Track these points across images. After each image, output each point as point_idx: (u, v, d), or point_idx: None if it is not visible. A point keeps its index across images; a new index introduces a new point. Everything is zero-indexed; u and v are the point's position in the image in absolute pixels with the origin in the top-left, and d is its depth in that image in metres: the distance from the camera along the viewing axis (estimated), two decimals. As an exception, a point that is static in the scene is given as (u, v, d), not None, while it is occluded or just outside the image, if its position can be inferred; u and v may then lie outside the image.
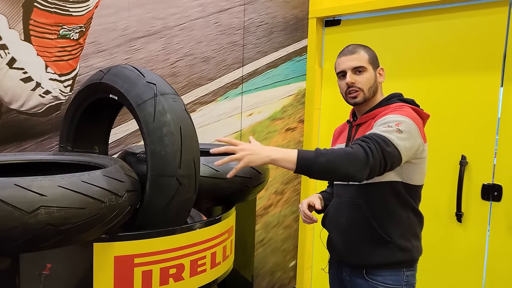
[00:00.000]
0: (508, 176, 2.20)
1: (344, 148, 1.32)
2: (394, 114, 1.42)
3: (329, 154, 1.28)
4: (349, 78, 1.54)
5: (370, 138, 1.32)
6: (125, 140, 1.98)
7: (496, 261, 2.25)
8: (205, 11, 2.28)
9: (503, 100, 2.22)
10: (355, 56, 1.55)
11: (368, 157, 1.27)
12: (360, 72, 1.54)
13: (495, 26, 2.22)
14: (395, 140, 1.33)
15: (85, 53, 1.81)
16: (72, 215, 1.00)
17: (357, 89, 1.54)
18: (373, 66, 1.55)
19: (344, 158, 1.28)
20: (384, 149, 1.30)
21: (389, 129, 1.35)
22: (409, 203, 1.49)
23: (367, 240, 1.50)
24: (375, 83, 1.55)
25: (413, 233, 1.52)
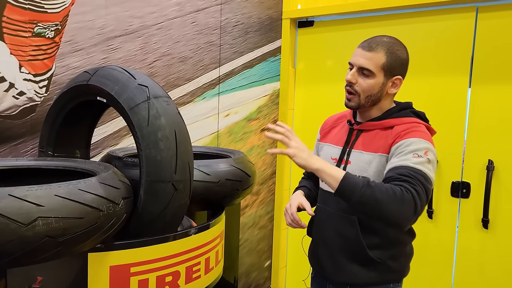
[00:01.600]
0: (476, 174, 2.31)
1: (392, 187, 1.19)
2: (418, 138, 1.30)
3: (377, 189, 1.18)
4: (349, 76, 1.38)
5: (413, 178, 1.20)
6: (102, 142, 1.91)
7: (465, 255, 2.37)
8: (183, 10, 2.23)
9: (470, 101, 2.32)
10: (370, 54, 1.35)
11: (417, 206, 1.18)
12: (364, 75, 1.36)
13: (463, 30, 2.32)
14: (429, 174, 1.24)
15: (61, 52, 1.72)
16: (70, 225, 0.95)
17: (354, 91, 1.38)
18: (386, 73, 1.36)
19: (392, 200, 1.17)
20: (427, 188, 1.22)
21: (420, 159, 1.24)
22: None
23: (356, 260, 1.41)
24: (378, 93, 1.37)
25: (405, 253, 1.46)
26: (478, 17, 2.28)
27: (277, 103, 2.96)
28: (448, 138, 2.37)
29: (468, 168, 2.34)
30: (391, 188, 1.19)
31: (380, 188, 1.19)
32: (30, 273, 1.03)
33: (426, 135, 1.33)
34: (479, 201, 2.29)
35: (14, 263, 0.93)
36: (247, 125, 2.73)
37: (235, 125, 2.64)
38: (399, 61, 1.37)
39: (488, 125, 2.26)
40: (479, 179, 2.29)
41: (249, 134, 2.75)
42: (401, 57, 1.38)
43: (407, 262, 1.48)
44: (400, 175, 1.22)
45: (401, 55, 1.38)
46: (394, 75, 1.38)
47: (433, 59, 2.43)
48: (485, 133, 2.27)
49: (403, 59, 1.39)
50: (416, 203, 1.18)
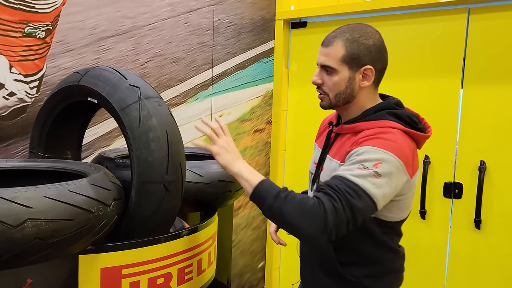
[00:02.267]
0: (468, 174, 2.32)
1: (305, 199, 1.06)
2: (374, 146, 1.10)
3: (287, 202, 1.06)
4: (314, 77, 1.26)
5: (337, 191, 1.05)
6: (94, 143, 1.90)
7: (457, 255, 2.38)
8: (175, 10, 2.23)
9: (463, 102, 2.34)
10: (327, 50, 1.22)
11: (327, 223, 1.02)
12: (327, 73, 1.23)
13: (455, 31, 2.34)
14: (370, 189, 1.06)
15: (52, 53, 1.71)
16: (60, 227, 0.94)
17: (322, 92, 1.26)
18: (350, 66, 1.19)
19: (298, 213, 1.04)
20: (353, 206, 1.04)
21: (364, 172, 1.07)
22: (384, 242, 1.24)
23: (328, 277, 1.28)
24: (348, 89, 1.22)
25: (390, 271, 1.30)
26: (470, 18, 2.30)
27: (270, 104, 2.96)
28: (441, 139, 2.38)
29: (460, 169, 2.35)
30: (302, 201, 1.05)
31: (290, 201, 1.06)
32: (19, 275, 1.02)
33: (390, 144, 1.12)
34: (471, 201, 2.30)
35: (3, 265, 0.92)
36: (240, 126, 2.73)
37: (228, 126, 2.63)
38: (364, 48, 1.18)
39: (480, 126, 2.27)
40: (471, 179, 2.31)
41: (242, 135, 2.75)
42: (365, 44, 1.19)
43: (396, 278, 1.32)
44: (326, 185, 1.08)
45: (365, 42, 1.19)
46: (361, 65, 1.19)
47: (425, 60, 2.44)
48: (477, 134, 2.29)
49: (369, 45, 1.19)
50: (326, 219, 1.02)
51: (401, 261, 1.34)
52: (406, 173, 1.13)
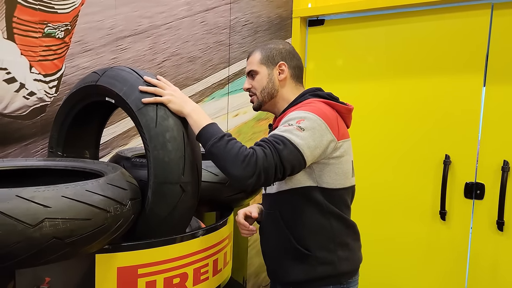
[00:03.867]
0: (490, 175, 2.26)
1: (242, 147, 1.19)
2: (297, 110, 1.30)
3: (228, 145, 1.19)
4: (244, 84, 1.49)
5: (266, 141, 1.21)
6: (112, 142, 1.91)
7: (479, 258, 2.32)
8: (192, 9, 2.22)
9: (485, 100, 2.28)
10: (249, 59, 1.49)
11: (257, 166, 1.15)
12: (253, 76, 1.47)
13: (477, 27, 2.28)
14: (295, 139, 1.21)
15: (71, 53, 1.73)
16: (77, 226, 0.94)
17: (252, 94, 1.47)
18: (267, 65, 1.44)
19: (233, 156, 1.17)
20: (280, 152, 1.18)
21: (289, 127, 1.23)
22: (329, 210, 1.33)
23: (286, 254, 1.36)
24: (270, 83, 1.43)
25: (340, 243, 1.35)
26: (494, 14, 2.24)
27: (287, 102, 2.93)
28: (462, 138, 2.33)
29: (482, 169, 2.29)
30: (239, 147, 1.18)
31: (232, 145, 1.19)
32: (38, 274, 1.03)
33: (310, 107, 1.30)
34: (494, 202, 2.24)
35: (21, 264, 0.93)
36: (256, 125, 2.72)
37: (244, 125, 2.62)
38: (275, 51, 1.44)
39: (503, 124, 2.21)
40: (494, 180, 2.25)
41: (258, 134, 2.74)
42: (276, 47, 1.45)
43: (346, 253, 1.36)
44: (257, 142, 1.23)
45: (275, 46, 1.46)
46: (275, 63, 1.44)
47: (447, 57, 2.38)
48: (500, 133, 2.23)
49: (279, 48, 1.45)
50: (257, 163, 1.15)
51: (352, 235, 1.40)
52: (330, 132, 1.28)
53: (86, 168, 1.28)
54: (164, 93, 1.23)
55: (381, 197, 2.60)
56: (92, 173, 1.24)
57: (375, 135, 2.62)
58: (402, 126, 2.53)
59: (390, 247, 2.61)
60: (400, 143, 2.54)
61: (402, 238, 2.56)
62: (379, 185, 2.60)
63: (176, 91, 1.26)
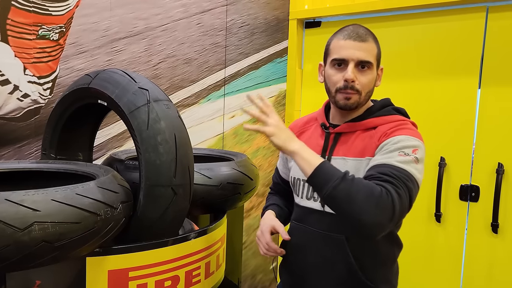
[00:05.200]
0: (485, 177, 2.26)
1: (372, 185, 1.03)
2: (406, 135, 1.15)
3: (354, 185, 1.03)
4: (351, 74, 1.17)
5: (396, 178, 1.05)
6: (106, 144, 1.91)
7: (474, 260, 2.32)
8: (188, 11, 2.23)
9: (480, 102, 2.28)
10: (365, 45, 1.18)
11: (395, 212, 1.01)
12: (363, 69, 1.19)
13: (473, 30, 2.28)
14: (415, 174, 1.09)
15: (65, 55, 1.73)
16: (67, 230, 0.95)
17: (355, 91, 1.19)
18: (377, 64, 1.23)
19: (367, 199, 1.00)
20: (411, 191, 1.06)
21: (407, 158, 1.09)
22: (395, 238, 1.24)
23: (343, 285, 1.22)
24: (373, 87, 1.24)
25: (394, 272, 1.29)
26: (489, 17, 2.24)
27: (283, 104, 2.94)
28: (457, 140, 2.33)
29: (477, 171, 2.29)
30: (369, 186, 1.02)
31: (358, 184, 1.03)
32: (28, 277, 1.03)
33: (415, 132, 1.19)
34: (488, 205, 2.24)
35: (11, 267, 0.93)
36: (253, 127, 2.72)
37: (240, 126, 2.63)
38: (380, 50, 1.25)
39: (498, 127, 2.22)
40: (489, 182, 2.25)
41: (255, 135, 2.74)
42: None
43: (396, 282, 1.30)
44: (381, 174, 1.06)
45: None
46: (379, 65, 1.25)
47: (442, 60, 2.39)
48: (495, 136, 2.23)
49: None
50: (395, 208, 1.02)
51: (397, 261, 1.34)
52: None
53: (78, 170, 1.28)
54: (269, 122, 1.13)
55: (377, 199, 2.60)
56: (84, 175, 1.25)
57: (371, 137, 2.61)
58: (397, 128, 2.53)
59: (386, 249, 2.61)
60: (396, 145, 2.53)
61: (397, 240, 2.56)
62: (375, 187, 2.60)
63: (280, 122, 1.14)
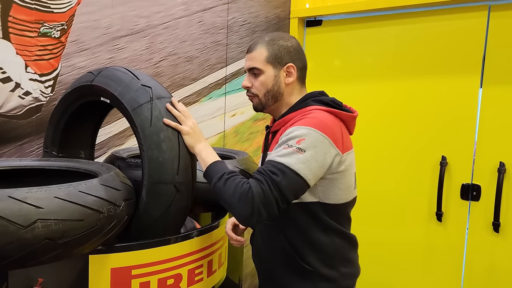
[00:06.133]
0: (487, 176, 2.26)
1: (240, 182, 1.14)
2: (298, 125, 1.20)
3: (227, 183, 1.15)
4: (244, 81, 1.36)
5: (263, 173, 1.14)
6: (108, 142, 1.91)
7: (475, 259, 2.32)
8: (189, 9, 2.22)
9: (482, 101, 2.28)
10: (252, 54, 1.33)
11: (254, 205, 1.10)
12: (255, 75, 1.33)
13: (475, 29, 2.28)
14: (295, 164, 1.13)
15: (67, 52, 1.72)
16: (70, 227, 0.94)
17: (252, 94, 1.35)
18: (274, 65, 1.30)
19: (231, 195, 1.13)
20: (279, 183, 1.11)
21: (288, 150, 1.15)
22: (331, 227, 1.28)
23: (285, 268, 1.31)
24: (275, 86, 1.31)
25: (342, 259, 1.31)
26: (491, 16, 2.24)
27: (284, 103, 2.93)
28: (458, 139, 2.33)
29: (478, 170, 2.29)
30: (237, 184, 1.14)
31: (229, 183, 1.15)
32: (31, 274, 1.03)
33: (312, 121, 1.20)
34: (489, 204, 2.25)
35: (13, 265, 0.92)
36: (253, 125, 2.72)
37: (241, 125, 2.62)
38: (284, 49, 1.31)
39: (500, 126, 2.22)
40: (490, 181, 2.25)
41: (255, 134, 2.74)
42: (284, 45, 1.31)
43: (346, 269, 1.32)
44: (256, 171, 1.17)
45: (284, 44, 1.31)
46: (283, 64, 1.31)
47: (444, 58, 2.38)
48: (496, 135, 2.23)
49: (288, 46, 1.32)
50: (254, 200, 1.09)
51: (353, 249, 1.37)
52: (334, 147, 1.20)
53: (80, 168, 1.28)
54: (187, 123, 1.25)
55: (378, 198, 2.60)
56: (87, 173, 1.24)
57: (371, 136, 2.61)
58: (398, 127, 2.53)
59: (387, 248, 2.61)
60: (397, 144, 2.54)
61: (399, 239, 2.56)
62: (376, 187, 2.60)
63: (196, 126, 1.28)
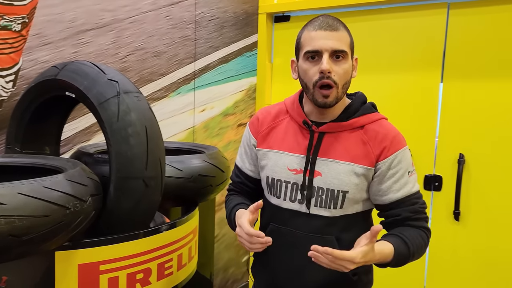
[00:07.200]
0: (448, 167, 2.36)
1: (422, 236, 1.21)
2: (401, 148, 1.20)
3: (417, 249, 1.20)
4: (326, 64, 1.07)
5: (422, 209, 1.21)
6: (73, 139, 1.87)
7: (438, 246, 2.42)
8: (156, 3, 2.20)
9: (443, 95, 2.37)
10: (337, 34, 1.09)
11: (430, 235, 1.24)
12: (338, 59, 1.10)
13: (435, 26, 2.36)
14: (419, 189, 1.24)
15: (28, 46, 1.67)
16: (35, 224, 0.93)
17: (333, 83, 1.09)
18: (352, 53, 1.15)
19: (425, 248, 1.24)
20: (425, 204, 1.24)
21: (414, 176, 1.23)
22: None
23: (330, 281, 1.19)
24: (350, 79, 1.15)
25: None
26: (450, 13, 2.32)
27: (254, 98, 2.95)
28: (421, 132, 2.41)
29: (440, 162, 2.38)
30: (422, 239, 1.21)
31: (418, 246, 1.20)
32: (-6, 273, 1.01)
33: (401, 136, 1.23)
34: (450, 193, 2.34)
35: (-25, 263, 0.90)
36: (223, 120, 2.72)
37: (211, 120, 2.62)
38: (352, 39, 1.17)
39: (459, 119, 2.31)
40: (451, 172, 2.34)
41: (225, 129, 2.74)
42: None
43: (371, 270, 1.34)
44: (413, 213, 1.19)
45: None
46: (353, 55, 1.16)
47: (405, 54, 2.46)
48: (456, 128, 2.32)
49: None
50: (430, 235, 1.24)
51: None
52: None
53: (45, 164, 1.25)
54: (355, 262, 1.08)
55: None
56: (52, 169, 1.22)
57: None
58: (365, 121, 2.59)
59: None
60: (364, 138, 2.59)
61: (365, 230, 2.62)
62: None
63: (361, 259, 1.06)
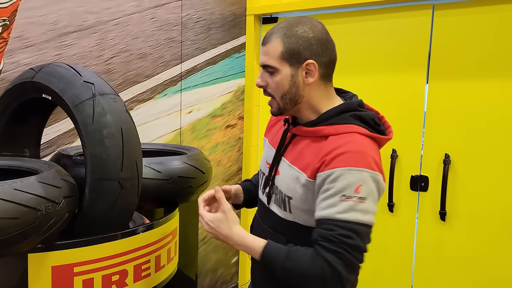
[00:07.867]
0: (434, 168, 2.37)
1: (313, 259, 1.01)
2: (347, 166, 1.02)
3: (296, 266, 1.03)
4: (257, 79, 1.14)
5: (337, 241, 0.99)
6: (57, 141, 1.87)
7: (424, 246, 2.43)
8: (141, 5, 2.20)
9: (428, 96, 2.38)
10: (266, 48, 1.11)
11: (342, 278, 0.99)
12: (270, 73, 1.12)
13: (420, 27, 2.37)
14: (362, 218, 1.00)
15: (10, 49, 1.68)
16: (4, 226, 0.93)
17: (269, 95, 1.15)
18: (291, 62, 1.09)
19: (311, 279, 1.01)
20: (357, 246, 0.99)
21: (349, 203, 1.00)
22: None
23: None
24: (293, 89, 1.10)
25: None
26: (435, 14, 2.33)
27: (242, 99, 2.96)
28: (407, 133, 2.42)
29: (426, 162, 2.39)
30: (312, 262, 1.01)
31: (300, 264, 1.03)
32: (-33, 275, 1.01)
33: (360, 157, 1.04)
34: (436, 194, 2.35)
35: None
36: (211, 122, 2.73)
37: (198, 121, 2.63)
38: (304, 41, 1.08)
39: (445, 120, 2.32)
40: (437, 172, 2.35)
41: (213, 130, 2.75)
42: (305, 37, 1.08)
43: None
44: (322, 239, 1.01)
45: (304, 34, 1.08)
46: (302, 61, 1.09)
47: (391, 55, 2.47)
48: (442, 128, 2.33)
49: (309, 37, 1.08)
50: (341, 276, 0.99)
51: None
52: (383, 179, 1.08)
53: (22, 166, 1.25)
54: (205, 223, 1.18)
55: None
56: (28, 171, 1.22)
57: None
58: (352, 122, 2.60)
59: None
60: (351, 139, 2.60)
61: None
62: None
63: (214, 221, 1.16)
